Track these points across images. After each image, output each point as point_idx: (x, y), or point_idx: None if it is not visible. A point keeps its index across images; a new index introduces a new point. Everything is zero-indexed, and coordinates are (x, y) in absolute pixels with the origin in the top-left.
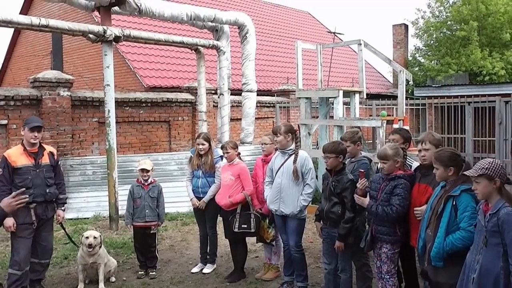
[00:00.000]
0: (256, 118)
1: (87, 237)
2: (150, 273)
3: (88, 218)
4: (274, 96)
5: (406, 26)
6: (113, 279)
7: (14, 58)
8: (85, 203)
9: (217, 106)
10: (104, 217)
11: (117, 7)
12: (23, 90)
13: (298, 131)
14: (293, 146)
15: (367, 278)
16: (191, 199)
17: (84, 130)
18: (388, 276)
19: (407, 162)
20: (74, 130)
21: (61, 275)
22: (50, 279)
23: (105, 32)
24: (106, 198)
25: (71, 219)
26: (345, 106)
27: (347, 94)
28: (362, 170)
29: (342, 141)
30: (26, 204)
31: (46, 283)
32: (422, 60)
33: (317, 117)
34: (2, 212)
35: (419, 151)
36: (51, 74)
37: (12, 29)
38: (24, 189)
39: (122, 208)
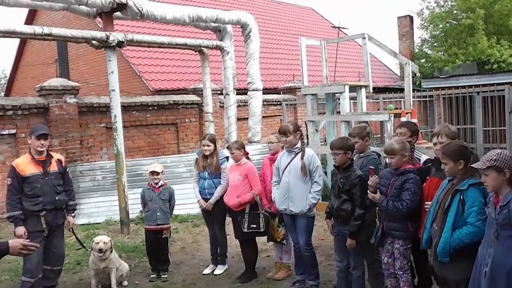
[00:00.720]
0: (263, 116)
1: (97, 243)
2: (162, 276)
3: (99, 223)
4: (280, 94)
5: (411, 18)
6: (125, 283)
7: (21, 68)
8: (96, 208)
9: (223, 106)
10: (115, 221)
11: (119, 12)
12: (30, 99)
13: (303, 129)
14: (299, 144)
15: (379, 274)
16: (198, 201)
17: (92, 136)
18: (401, 272)
19: (415, 155)
20: (82, 136)
21: (74, 281)
22: (63, 285)
23: (108, 37)
24: (116, 202)
25: (82, 224)
26: (352, 101)
27: (353, 88)
28: (372, 167)
29: (350, 137)
30: (36, 211)
31: None
32: (429, 52)
33: (324, 113)
34: (6, 250)
35: (434, 144)
36: (57, 82)
37: (18, 40)
38: (38, 245)
39: (133, 212)
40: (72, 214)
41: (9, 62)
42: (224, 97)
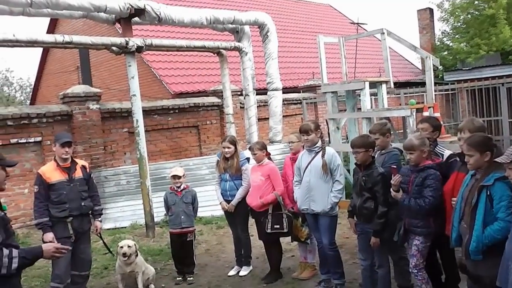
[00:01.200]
0: (283, 116)
1: (121, 247)
2: (188, 278)
3: (125, 227)
4: (300, 92)
5: (431, 10)
6: (152, 286)
7: (44, 76)
8: (121, 213)
9: (243, 107)
10: (141, 225)
11: (137, 17)
12: (54, 107)
13: (323, 127)
14: (319, 143)
15: (406, 272)
16: (220, 203)
17: (115, 141)
18: (416, 271)
19: (438, 150)
20: (106, 142)
21: (101, 285)
22: None
23: (127, 43)
24: (141, 206)
25: (109, 229)
26: (372, 97)
27: (373, 84)
28: (395, 166)
29: (370, 134)
30: (63, 218)
31: None
32: (451, 44)
33: (345, 110)
34: (39, 257)
35: (459, 139)
36: (79, 88)
37: (41, 49)
38: (70, 247)
39: (157, 216)
40: (99, 219)
41: (34, 71)
42: (244, 98)
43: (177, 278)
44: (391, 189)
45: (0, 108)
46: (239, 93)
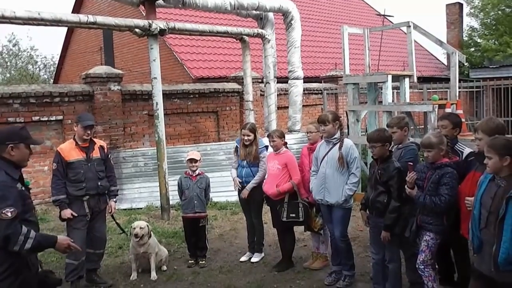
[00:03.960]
0: (303, 105)
1: (134, 228)
2: (200, 262)
3: (141, 209)
4: (321, 82)
5: (461, 5)
6: (164, 268)
7: (68, 55)
8: (138, 194)
9: (264, 94)
10: (156, 207)
11: (161, 0)
12: (76, 86)
13: (343, 118)
14: (337, 135)
15: (417, 268)
16: (233, 179)
17: (134, 123)
18: (422, 267)
19: (458, 148)
20: (125, 123)
21: (116, 264)
22: (106, 268)
23: (150, 26)
24: (157, 188)
25: (125, 209)
26: (395, 90)
27: (396, 78)
28: (411, 163)
29: (388, 127)
30: (80, 196)
31: (101, 272)
32: (479, 40)
33: (366, 103)
34: (51, 246)
35: (475, 139)
36: (101, 69)
37: (66, 28)
38: (80, 249)
39: (173, 199)
40: (114, 199)
41: (58, 50)
42: (265, 86)
43: (189, 261)
44: (405, 186)
45: (24, 86)
46: (259, 80)
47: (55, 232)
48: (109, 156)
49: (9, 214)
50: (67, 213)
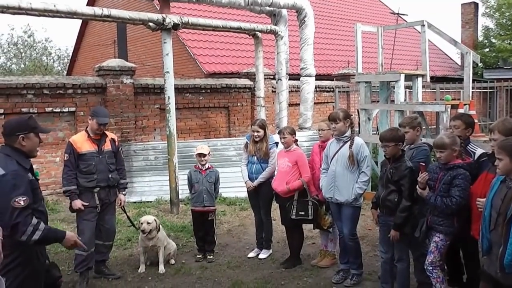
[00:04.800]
0: (315, 103)
1: (141, 223)
2: (208, 256)
3: (150, 202)
4: (333, 80)
5: (476, 5)
6: (172, 261)
7: (82, 48)
8: (148, 187)
9: (275, 91)
10: (166, 201)
11: None
12: (89, 79)
13: (354, 117)
14: (348, 133)
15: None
16: (245, 182)
17: (146, 117)
18: (431, 268)
19: (470, 148)
20: (137, 116)
21: (124, 256)
22: (114, 260)
23: (164, 20)
24: (167, 182)
25: (134, 202)
26: (407, 90)
27: (409, 77)
28: (423, 164)
29: (400, 127)
30: (90, 188)
31: (110, 263)
32: (494, 41)
33: (378, 101)
34: (59, 239)
35: (490, 140)
36: (114, 62)
37: (80, 21)
38: (85, 247)
39: (183, 193)
40: (123, 192)
41: (72, 42)
42: (277, 82)
43: (197, 256)
44: (417, 186)
45: (38, 77)
46: (271, 76)
47: (65, 223)
48: (120, 149)
49: (21, 202)
50: (78, 203)
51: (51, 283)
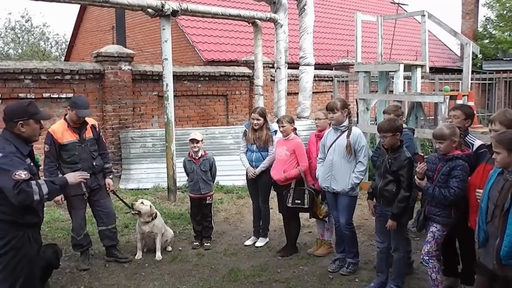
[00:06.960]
0: (313, 92)
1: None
2: (205, 244)
3: (148, 189)
4: (332, 69)
5: None
6: (169, 248)
7: (80, 34)
8: (145, 174)
9: (274, 80)
10: (163, 188)
11: None
12: (87, 65)
13: (353, 107)
14: (346, 123)
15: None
16: (247, 168)
17: (144, 104)
18: (427, 258)
19: (469, 140)
20: (135, 103)
21: (121, 243)
22: None
23: (163, 6)
24: (165, 170)
25: (132, 189)
26: (406, 80)
27: (408, 68)
28: (422, 154)
29: (384, 114)
30: None
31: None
32: (494, 32)
33: (376, 91)
34: (65, 184)
35: (490, 131)
36: (113, 48)
37: (78, 6)
38: (88, 175)
39: (180, 180)
40: (110, 176)
41: (70, 28)
42: (275, 71)
43: (194, 243)
44: (415, 177)
45: (35, 62)
46: (270, 65)
47: (62, 209)
48: (101, 134)
49: (23, 175)
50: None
51: (46, 265)
